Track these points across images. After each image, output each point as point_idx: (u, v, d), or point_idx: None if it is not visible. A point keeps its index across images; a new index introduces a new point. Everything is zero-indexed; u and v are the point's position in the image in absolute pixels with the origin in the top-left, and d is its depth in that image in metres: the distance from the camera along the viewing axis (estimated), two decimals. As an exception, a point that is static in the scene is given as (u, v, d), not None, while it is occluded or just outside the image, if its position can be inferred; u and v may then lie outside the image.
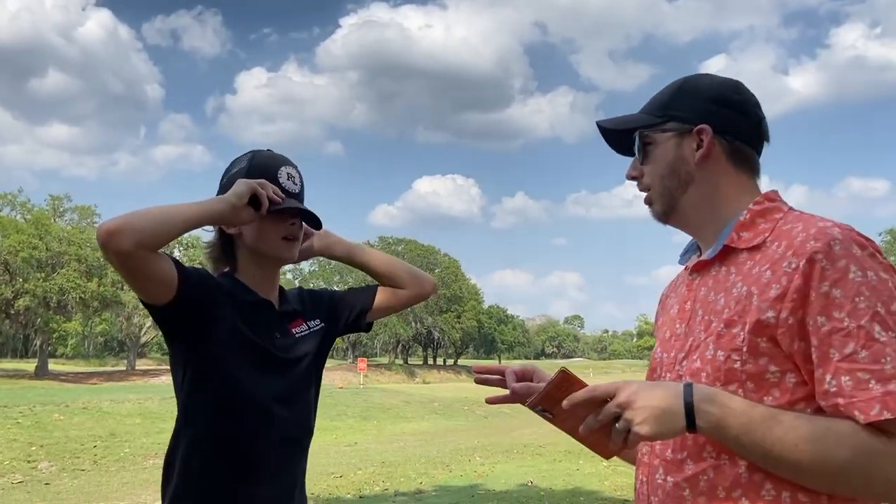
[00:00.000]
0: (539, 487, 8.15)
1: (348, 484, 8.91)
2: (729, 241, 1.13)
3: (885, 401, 0.93)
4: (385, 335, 63.03)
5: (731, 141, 1.17)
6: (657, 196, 1.22)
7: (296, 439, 1.71)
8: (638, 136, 1.22)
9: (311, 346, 1.77)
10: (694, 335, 1.12)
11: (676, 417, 0.99)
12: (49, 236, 41.18)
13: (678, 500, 1.07)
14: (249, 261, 1.69)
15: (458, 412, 21.81)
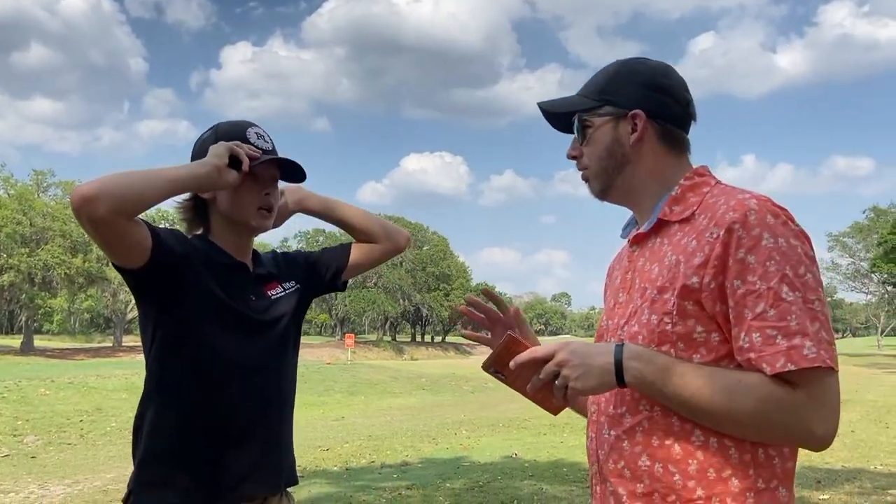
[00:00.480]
0: (523, 459, 8.27)
1: (335, 457, 9.00)
2: (662, 214, 1.23)
3: (789, 354, 1.03)
4: (373, 312, 63.15)
5: (662, 124, 1.25)
6: (594, 176, 1.30)
7: (273, 400, 1.69)
8: (577, 119, 1.30)
9: (288, 308, 1.75)
10: (633, 302, 1.22)
11: (607, 373, 1.11)
12: (33, 212, 40.78)
13: (619, 451, 1.17)
14: (223, 226, 1.67)
15: (446, 388, 21.98)
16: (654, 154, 1.26)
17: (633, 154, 1.26)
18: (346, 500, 6.05)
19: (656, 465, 1.13)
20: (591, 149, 1.29)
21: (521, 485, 6.60)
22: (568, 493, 6.21)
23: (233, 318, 1.62)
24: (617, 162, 1.27)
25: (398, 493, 6.28)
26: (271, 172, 1.66)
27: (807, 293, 1.06)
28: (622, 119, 1.26)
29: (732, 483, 1.09)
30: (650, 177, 1.27)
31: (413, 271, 66.47)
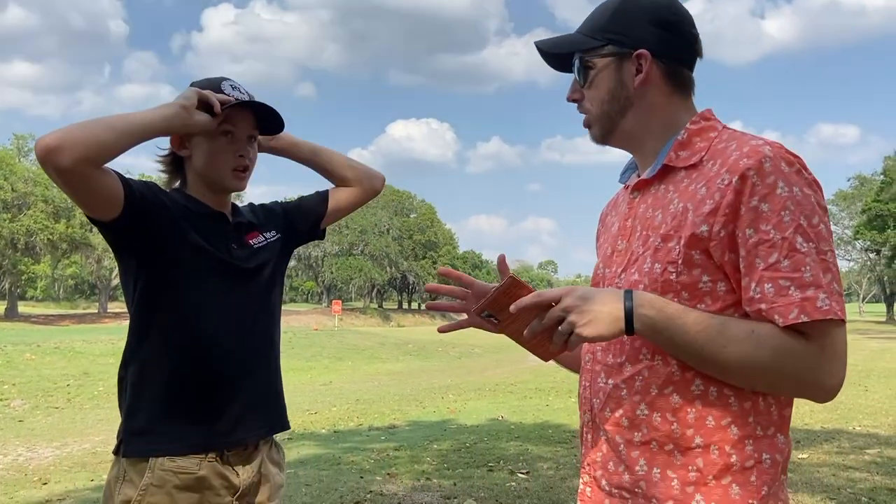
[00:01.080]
0: (509, 421, 8.39)
1: (323, 420, 9.07)
2: (667, 160, 1.17)
3: (802, 305, 1.01)
4: (360, 280, 63.17)
5: (668, 63, 1.19)
6: (596, 120, 1.24)
7: (260, 348, 1.69)
8: (578, 59, 1.23)
9: (271, 256, 1.75)
10: (633, 250, 1.18)
11: (616, 321, 1.06)
12: (14, 176, 40.17)
13: (617, 399, 1.15)
14: (199, 183, 1.66)
15: (432, 353, 22.14)
16: (659, 96, 1.20)
17: (637, 96, 1.20)
18: (334, 461, 6.11)
19: (654, 415, 1.11)
20: (593, 92, 1.22)
21: (507, 445, 6.69)
22: (553, 453, 6.31)
23: (215, 266, 1.60)
24: (620, 105, 1.20)
25: (386, 454, 6.36)
26: (248, 132, 1.64)
27: (820, 244, 1.04)
28: (626, 59, 1.19)
29: (731, 431, 1.08)
30: (655, 120, 1.21)
31: (400, 239, 66.40)
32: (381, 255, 63.83)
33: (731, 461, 1.07)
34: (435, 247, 70.62)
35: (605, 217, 1.39)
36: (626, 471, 1.13)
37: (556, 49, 1.26)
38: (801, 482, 4.89)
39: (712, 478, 1.08)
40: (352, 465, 5.88)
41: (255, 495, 1.65)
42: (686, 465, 1.09)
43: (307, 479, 5.29)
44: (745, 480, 1.08)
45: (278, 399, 1.75)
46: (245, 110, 1.62)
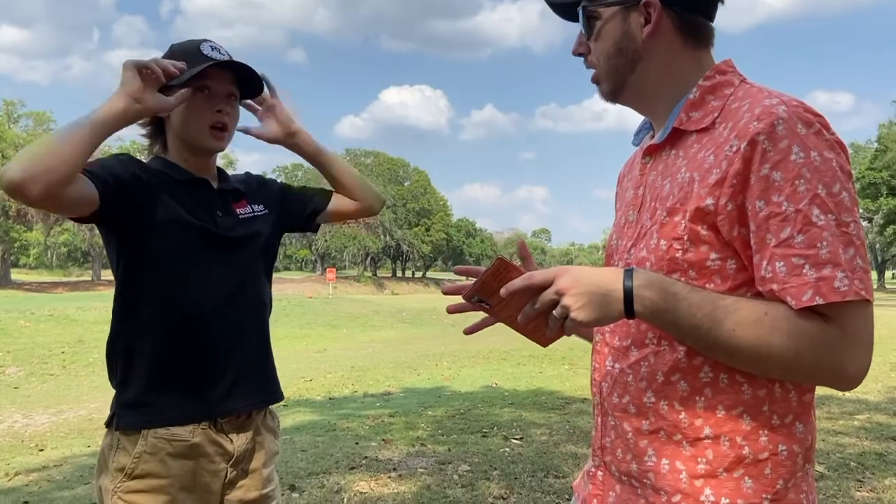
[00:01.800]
0: (503, 388, 8.45)
1: (318, 387, 9.14)
2: (678, 123, 1.08)
3: (817, 286, 0.92)
4: (354, 248, 63.17)
5: (679, 12, 1.08)
6: (604, 75, 1.15)
7: (248, 319, 1.65)
8: (582, 10, 1.14)
9: (259, 229, 1.69)
10: (642, 223, 1.10)
11: (615, 302, 0.97)
12: (4, 143, 39.74)
13: (623, 385, 1.09)
14: (179, 144, 1.61)
15: (426, 321, 22.26)
16: (670, 49, 1.09)
17: (646, 49, 1.09)
18: (330, 427, 6.16)
19: (662, 403, 1.04)
20: (600, 45, 1.13)
21: (501, 412, 6.75)
22: (546, 419, 6.37)
23: (198, 237, 1.57)
24: (628, 59, 1.11)
25: (381, 421, 6.41)
26: (225, 90, 1.58)
27: (841, 215, 0.93)
28: (633, 9, 1.09)
29: (744, 421, 1.01)
30: (666, 75, 1.11)
31: (394, 207, 66.25)
32: (374, 224, 63.73)
33: (744, 453, 1.01)
34: (429, 214, 70.54)
35: (623, 179, 1.30)
36: (635, 460, 1.08)
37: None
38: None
39: (723, 470, 1.01)
40: (347, 432, 5.94)
41: (250, 462, 1.65)
42: (695, 457, 1.02)
43: (303, 445, 5.33)
44: (758, 473, 1.01)
45: (270, 370, 1.73)
46: (223, 69, 1.57)
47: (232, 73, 1.59)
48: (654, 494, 1.05)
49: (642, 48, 1.10)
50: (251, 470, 1.65)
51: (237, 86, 1.61)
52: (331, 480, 4.29)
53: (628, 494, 1.09)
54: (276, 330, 15.52)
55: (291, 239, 68.88)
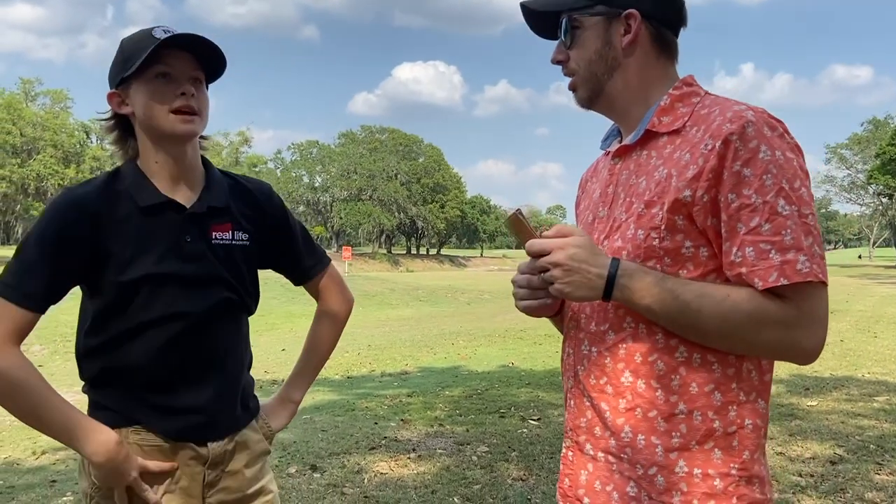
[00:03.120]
0: (520, 368, 8.50)
1: (336, 366, 9.21)
2: (650, 125, 1.17)
3: (782, 269, 1.03)
4: (368, 225, 63.28)
5: (656, 26, 1.19)
6: (582, 82, 1.23)
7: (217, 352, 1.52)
8: (566, 19, 1.22)
9: (233, 261, 1.52)
10: (615, 217, 1.19)
11: (596, 287, 1.09)
12: (22, 121, 40.04)
13: (601, 367, 1.17)
14: (148, 144, 1.46)
15: (442, 299, 22.34)
16: (645, 59, 1.20)
17: (624, 58, 1.19)
18: (349, 407, 6.23)
19: (639, 382, 1.12)
20: (580, 52, 1.22)
21: (518, 392, 6.79)
22: (563, 399, 6.40)
23: (161, 278, 1.44)
24: (607, 66, 1.20)
25: (399, 401, 6.47)
26: (188, 73, 1.44)
27: (801, 207, 1.04)
28: (615, 19, 1.19)
29: (715, 397, 1.10)
30: (640, 84, 1.21)
31: (408, 184, 66.21)
32: (389, 201, 63.80)
33: (714, 426, 1.10)
34: (443, 191, 70.45)
35: (585, 183, 1.38)
36: (612, 436, 1.15)
37: (543, 7, 1.25)
38: (811, 429, 4.95)
39: (695, 443, 1.10)
40: (366, 412, 6.00)
41: (230, 463, 1.55)
42: (669, 432, 1.11)
43: (322, 425, 5.40)
44: (727, 445, 1.10)
45: (240, 399, 1.59)
46: (181, 52, 1.42)
47: (193, 56, 1.44)
48: (630, 469, 1.14)
49: (621, 56, 1.20)
50: (232, 471, 1.55)
51: (202, 69, 1.47)
52: (351, 461, 4.35)
53: (601, 472, 1.17)
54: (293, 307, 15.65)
55: (306, 216, 69.13)
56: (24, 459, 4.90)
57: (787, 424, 5.12)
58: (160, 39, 1.39)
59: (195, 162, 1.52)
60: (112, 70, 1.48)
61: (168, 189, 1.47)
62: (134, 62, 1.39)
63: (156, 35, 1.41)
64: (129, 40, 1.46)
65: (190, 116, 1.43)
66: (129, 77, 1.41)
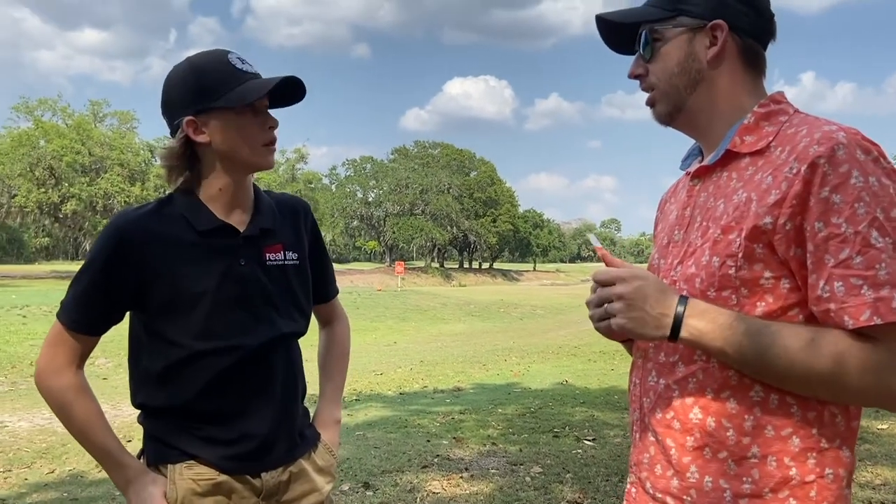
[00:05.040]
0: (574, 386, 8.36)
1: (389, 381, 9.25)
2: (731, 145, 1.11)
3: (875, 306, 0.93)
4: (421, 239, 63.63)
5: (743, 38, 1.13)
6: (663, 96, 1.17)
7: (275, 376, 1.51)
8: (647, 31, 1.16)
9: (288, 282, 1.53)
10: (691, 241, 1.12)
11: (661, 327, 1.03)
12: (91, 141, 41.78)
13: (668, 400, 1.10)
14: (219, 171, 1.46)
15: (494, 314, 22.23)
16: (731, 73, 1.13)
17: (708, 72, 1.13)
18: (402, 424, 6.23)
19: (709, 419, 1.05)
20: (661, 65, 1.16)
21: (573, 411, 6.68)
22: (620, 419, 6.26)
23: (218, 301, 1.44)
24: (690, 79, 1.14)
25: (452, 418, 6.44)
26: (265, 101, 1.46)
27: None
28: (699, 31, 1.12)
29: (792, 442, 1.02)
30: (724, 100, 1.14)
31: (460, 198, 66.35)
32: (441, 215, 64.02)
33: (790, 474, 1.02)
34: (495, 205, 70.30)
35: (664, 204, 1.33)
36: (676, 476, 1.09)
37: (623, 19, 1.20)
38: (881, 454, 4.72)
39: (768, 491, 1.02)
40: (419, 429, 5.98)
41: (286, 493, 1.54)
42: (740, 476, 1.03)
43: (375, 442, 5.41)
44: (804, 496, 1.02)
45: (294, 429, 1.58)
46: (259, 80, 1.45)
47: None
48: None
49: (706, 69, 1.13)
50: (289, 500, 1.54)
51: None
52: (404, 479, 4.34)
53: None
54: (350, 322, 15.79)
55: (360, 231, 69.93)
56: (89, 472, 5.05)
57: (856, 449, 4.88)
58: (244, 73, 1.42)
59: (251, 186, 1.53)
60: (185, 94, 1.43)
61: (223, 214, 1.48)
62: (218, 93, 1.40)
63: (233, 63, 1.43)
64: (205, 67, 1.43)
65: (272, 147, 1.48)
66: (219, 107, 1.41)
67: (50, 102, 45.04)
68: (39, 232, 56.01)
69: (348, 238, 76.35)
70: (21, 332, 12.44)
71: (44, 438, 6.13)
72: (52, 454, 5.55)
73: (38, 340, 12.19)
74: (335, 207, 65.43)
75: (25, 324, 12.94)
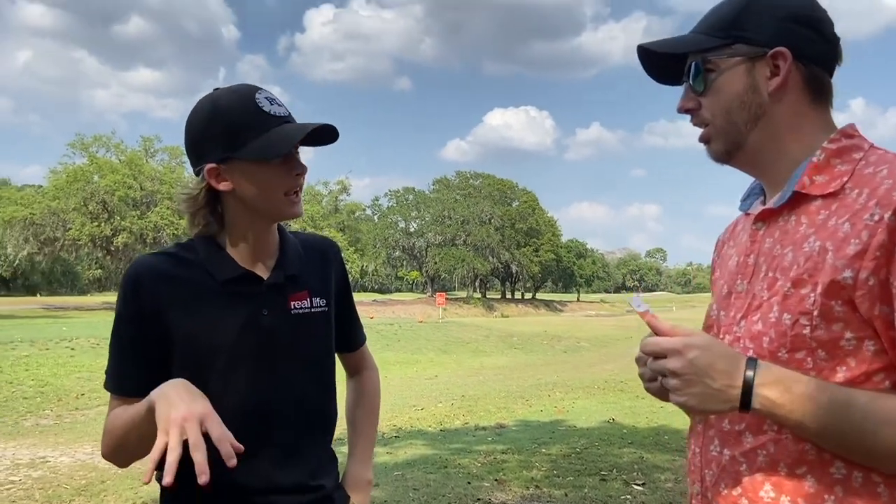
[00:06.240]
0: (622, 425, 8.05)
1: (430, 417, 9.07)
2: (800, 186, 1.00)
3: None
4: (462, 270, 63.53)
5: (809, 66, 1.02)
6: (719, 133, 1.07)
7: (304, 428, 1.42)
8: (699, 61, 1.06)
9: (314, 332, 1.44)
10: (755, 293, 1.02)
11: (730, 400, 0.91)
12: (142, 176, 43.05)
13: (734, 475, 0.99)
14: (242, 219, 1.37)
15: (537, 347, 21.88)
16: (796, 105, 1.03)
17: (770, 105, 1.02)
18: (442, 464, 6.04)
19: (783, 499, 0.94)
20: (716, 98, 1.05)
21: (621, 452, 6.40)
22: (671, 462, 5.96)
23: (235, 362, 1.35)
24: (751, 114, 1.03)
25: (494, 458, 6.22)
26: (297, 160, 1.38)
27: None
28: (758, 60, 1.02)
29: None
30: (789, 135, 1.03)
31: (502, 228, 66.26)
32: (482, 246, 63.92)
33: None
34: (537, 234, 70.01)
35: (722, 247, 1.22)
36: None
37: (670, 49, 1.09)
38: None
39: None
40: (459, 469, 5.79)
41: None
42: None
43: (415, 483, 5.24)
44: None
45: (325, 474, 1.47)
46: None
47: None
48: None
49: (768, 102, 1.03)
50: None
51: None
52: (444, 526, 4.15)
53: None
54: (389, 355, 15.84)
55: (402, 261, 70.25)
56: (125, 510, 4.99)
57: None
58: (272, 116, 1.31)
59: (276, 230, 1.45)
60: (208, 139, 1.33)
61: (246, 261, 1.39)
62: (243, 141, 1.29)
63: (260, 104, 1.32)
64: (229, 110, 1.32)
65: (297, 196, 1.37)
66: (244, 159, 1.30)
67: (104, 139, 46.61)
68: (92, 264, 57.71)
69: (390, 268, 76.71)
70: (69, 364, 12.64)
71: (84, 474, 6.12)
72: (90, 491, 5.51)
73: (84, 373, 12.39)
74: (377, 238, 65.94)
75: (73, 356, 13.16)
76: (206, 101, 1.37)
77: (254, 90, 1.34)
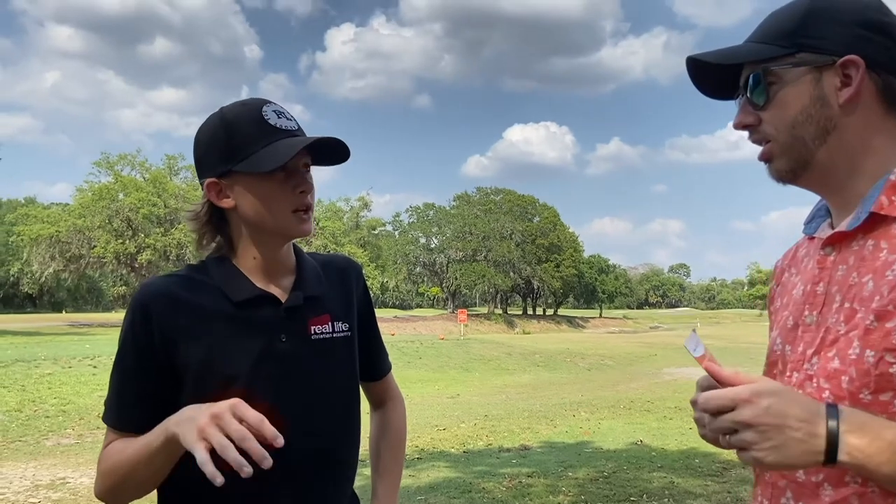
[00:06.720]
0: (650, 447, 7.83)
1: (452, 437, 8.90)
2: (877, 207, 0.91)
3: None
4: (483, 286, 63.27)
5: (883, 75, 0.94)
6: (784, 149, 0.98)
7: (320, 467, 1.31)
8: (760, 72, 0.97)
9: (337, 357, 1.34)
10: (829, 327, 0.93)
11: (814, 452, 0.81)
12: (166, 194, 43.52)
13: None
14: (249, 240, 1.29)
15: (561, 364, 21.58)
16: (869, 118, 0.94)
17: (841, 118, 0.93)
18: (465, 488, 5.88)
19: None
20: (779, 112, 0.96)
21: (650, 476, 6.19)
22: (703, 487, 5.75)
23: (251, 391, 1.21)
24: (819, 129, 0.94)
25: (519, 482, 6.05)
26: (303, 159, 1.29)
27: None
28: (826, 69, 0.93)
29: None
30: (862, 151, 0.94)
31: (523, 244, 66.00)
32: (503, 262, 63.66)
33: None
34: (559, 250, 69.51)
35: (782, 274, 1.12)
36: None
37: (725, 60, 1.00)
38: None
39: None
40: (484, 494, 5.63)
41: None
42: None
43: (438, 510, 5.08)
44: None
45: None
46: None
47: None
48: None
49: (838, 116, 0.94)
50: None
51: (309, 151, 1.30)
52: (469, 557, 3.99)
53: None
54: (410, 372, 15.70)
55: (423, 277, 70.16)
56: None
57: None
58: (280, 129, 1.24)
59: (290, 251, 1.35)
60: (211, 152, 1.27)
61: (262, 282, 1.30)
62: (244, 153, 1.22)
63: (270, 120, 1.24)
64: (235, 122, 1.26)
65: (307, 214, 1.29)
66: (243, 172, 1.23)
67: (129, 157, 47.18)
68: (117, 281, 58.47)
69: (411, 284, 76.72)
70: (91, 383, 12.64)
71: (102, 497, 6.05)
72: (108, 515, 5.43)
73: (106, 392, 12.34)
74: (398, 254, 65.94)
75: (95, 374, 13.16)
76: (215, 114, 1.32)
77: (262, 103, 1.28)
